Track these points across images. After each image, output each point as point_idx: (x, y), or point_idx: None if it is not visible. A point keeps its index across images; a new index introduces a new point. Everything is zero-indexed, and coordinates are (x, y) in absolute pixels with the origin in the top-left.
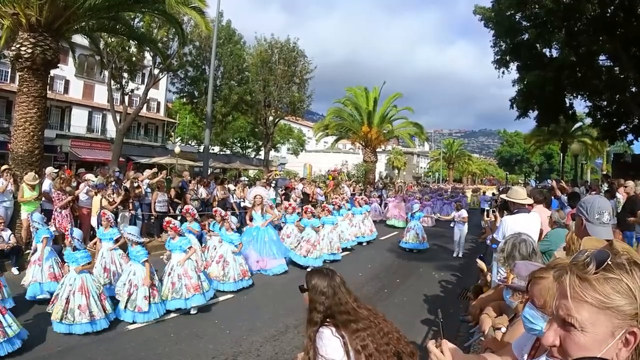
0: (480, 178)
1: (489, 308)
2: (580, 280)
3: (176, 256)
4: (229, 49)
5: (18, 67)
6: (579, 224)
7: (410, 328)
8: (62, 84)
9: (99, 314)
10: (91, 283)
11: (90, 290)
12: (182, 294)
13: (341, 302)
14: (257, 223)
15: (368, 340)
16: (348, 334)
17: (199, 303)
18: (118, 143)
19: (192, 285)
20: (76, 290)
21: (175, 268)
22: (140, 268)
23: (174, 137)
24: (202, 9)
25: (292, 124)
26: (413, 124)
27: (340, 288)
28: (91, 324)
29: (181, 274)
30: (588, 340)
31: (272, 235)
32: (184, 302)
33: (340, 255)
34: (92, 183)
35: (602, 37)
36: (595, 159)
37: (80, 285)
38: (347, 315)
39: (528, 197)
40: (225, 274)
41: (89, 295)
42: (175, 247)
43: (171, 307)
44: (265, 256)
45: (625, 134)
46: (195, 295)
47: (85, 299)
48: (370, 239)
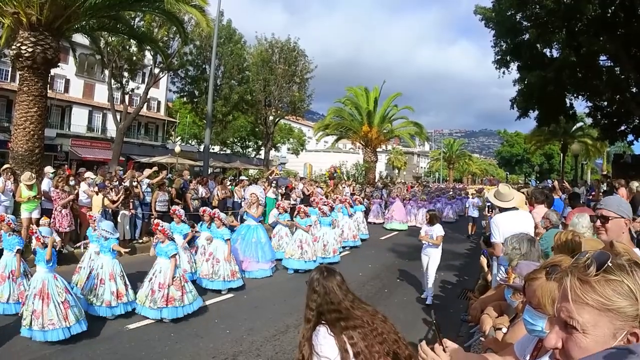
0: (480, 178)
1: (490, 308)
2: (581, 283)
3: (160, 261)
4: (229, 49)
5: (18, 66)
6: (620, 226)
7: (411, 328)
8: (62, 83)
9: (58, 323)
10: (53, 289)
11: (51, 295)
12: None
13: (332, 301)
14: (249, 222)
15: (357, 339)
16: (336, 332)
17: (173, 316)
18: (118, 142)
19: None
20: (36, 294)
21: (159, 275)
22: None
23: (174, 136)
24: (202, 7)
25: (292, 123)
26: (413, 123)
27: (335, 288)
28: (44, 332)
29: (163, 284)
30: (590, 342)
31: (260, 237)
32: (158, 312)
33: (337, 257)
34: (90, 181)
35: (602, 38)
36: (596, 159)
37: (40, 289)
38: (337, 314)
39: (529, 197)
40: (215, 271)
41: (48, 301)
42: (161, 251)
43: (146, 314)
44: (249, 257)
45: (626, 134)
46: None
47: (41, 305)
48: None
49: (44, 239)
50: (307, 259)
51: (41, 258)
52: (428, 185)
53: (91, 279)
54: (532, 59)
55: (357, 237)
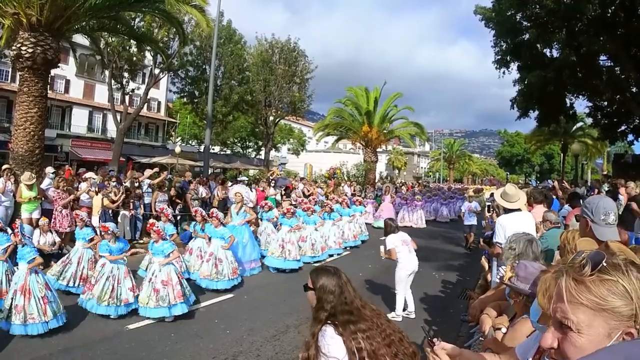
0: (480, 178)
1: (489, 308)
2: (576, 283)
3: (158, 261)
4: (229, 49)
5: (19, 67)
6: (584, 225)
7: (412, 328)
8: (62, 84)
9: (37, 317)
10: (34, 284)
11: (32, 291)
12: (169, 301)
13: (347, 301)
14: (234, 222)
15: (364, 343)
16: (346, 335)
17: (183, 311)
18: (118, 143)
19: (177, 293)
20: (18, 289)
21: (158, 274)
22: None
23: (175, 136)
24: (202, 7)
25: (292, 123)
26: (413, 123)
27: (347, 286)
28: (24, 326)
29: (167, 281)
30: (584, 342)
31: (246, 236)
32: (168, 310)
33: (325, 255)
34: (92, 181)
35: (602, 38)
36: (596, 159)
37: (22, 285)
38: (350, 315)
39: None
40: (219, 271)
41: (30, 296)
42: (158, 251)
43: (154, 314)
44: (240, 257)
45: (626, 134)
46: (178, 304)
47: (23, 300)
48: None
49: (22, 238)
50: (290, 257)
51: (21, 256)
52: (428, 186)
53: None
54: (532, 59)
55: (357, 237)
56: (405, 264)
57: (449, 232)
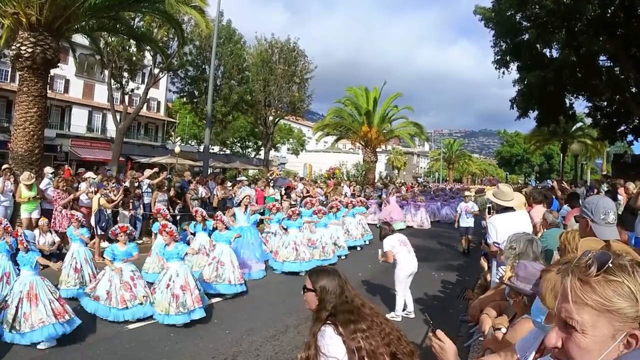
0: (480, 178)
1: (489, 308)
2: (582, 283)
3: (174, 265)
4: (229, 49)
5: (18, 67)
6: (584, 225)
7: (411, 328)
8: (62, 84)
9: (47, 319)
10: (41, 289)
11: (39, 296)
12: (188, 307)
13: (347, 300)
14: (240, 223)
15: (364, 342)
16: (346, 334)
17: (201, 316)
18: (118, 142)
19: (195, 298)
20: (24, 297)
21: (176, 280)
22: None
23: (174, 136)
24: (202, 8)
25: (292, 123)
26: (413, 123)
27: (347, 286)
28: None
29: (185, 286)
30: (589, 343)
31: (257, 237)
32: (188, 316)
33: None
34: (92, 181)
35: (602, 38)
36: (595, 159)
37: (27, 292)
38: (350, 314)
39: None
40: (219, 275)
41: (37, 302)
42: (171, 255)
43: (175, 321)
44: (246, 258)
45: (626, 135)
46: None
47: (30, 307)
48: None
49: (27, 244)
50: (306, 259)
51: (25, 262)
52: (428, 186)
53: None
54: (532, 59)
55: (363, 235)
56: (405, 264)
57: (449, 232)
